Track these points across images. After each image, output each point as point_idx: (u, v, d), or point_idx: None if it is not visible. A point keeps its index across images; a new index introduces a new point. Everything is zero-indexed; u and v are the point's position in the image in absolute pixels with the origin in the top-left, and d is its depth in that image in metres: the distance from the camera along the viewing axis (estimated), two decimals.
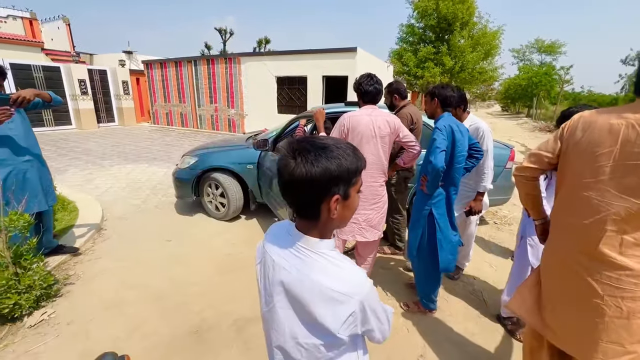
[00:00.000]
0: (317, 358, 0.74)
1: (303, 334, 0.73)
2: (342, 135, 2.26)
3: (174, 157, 7.34)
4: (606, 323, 1.10)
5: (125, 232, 3.50)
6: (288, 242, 0.76)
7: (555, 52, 32.28)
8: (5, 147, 2.37)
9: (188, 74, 11.35)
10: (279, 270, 0.74)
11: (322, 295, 0.67)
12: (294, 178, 0.66)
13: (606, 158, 1.02)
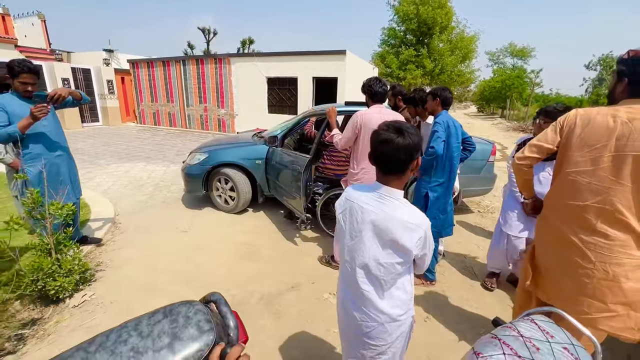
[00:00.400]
0: (391, 273, 1.08)
1: (383, 256, 1.09)
2: (356, 131, 2.58)
3: (169, 156, 7.43)
4: (594, 284, 1.43)
5: (140, 225, 3.67)
6: (372, 194, 1.12)
7: (526, 56, 34.15)
8: (40, 143, 2.54)
9: (177, 73, 11.35)
10: (368, 212, 1.08)
11: (402, 226, 1.04)
12: (398, 147, 1.03)
13: (604, 150, 1.33)
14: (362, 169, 2.64)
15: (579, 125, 1.46)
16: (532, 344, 1.03)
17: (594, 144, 1.39)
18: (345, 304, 1.27)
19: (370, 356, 1.25)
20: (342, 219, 1.21)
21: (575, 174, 1.46)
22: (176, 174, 5.91)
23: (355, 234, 1.15)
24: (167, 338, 0.97)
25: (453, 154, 2.47)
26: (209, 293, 1.18)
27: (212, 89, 10.99)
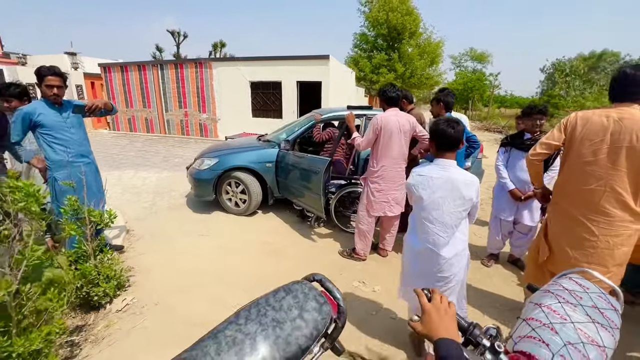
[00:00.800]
0: (458, 219, 1.60)
1: (454, 207, 1.65)
2: (376, 132, 2.83)
3: (156, 162, 7.27)
4: (598, 253, 1.81)
5: (154, 231, 3.67)
6: (435, 166, 1.69)
7: (485, 60, 36.57)
8: (70, 150, 2.54)
9: (154, 78, 11.02)
10: (437, 179, 1.59)
11: (464, 183, 1.62)
12: (456, 134, 1.62)
13: (602, 144, 1.70)
14: (382, 167, 2.90)
15: (579, 124, 1.82)
16: (575, 294, 1.32)
17: (593, 138, 1.76)
18: (422, 251, 1.76)
19: (439, 286, 1.75)
20: (415, 189, 1.71)
21: (581, 164, 1.82)
22: (171, 180, 5.85)
23: (431, 197, 1.66)
24: (296, 310, 1.16)
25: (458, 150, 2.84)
26: (310, 274, 1.37)
27: (192, 94, 10.81)
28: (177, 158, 7.87)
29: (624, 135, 1.65)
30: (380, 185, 2.93)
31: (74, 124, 2.59)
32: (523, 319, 1.26)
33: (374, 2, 19.96)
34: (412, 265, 1.85)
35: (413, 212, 1.85)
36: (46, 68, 2.37)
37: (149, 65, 11.05)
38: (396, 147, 2.87)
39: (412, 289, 1.75)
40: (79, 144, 2.63)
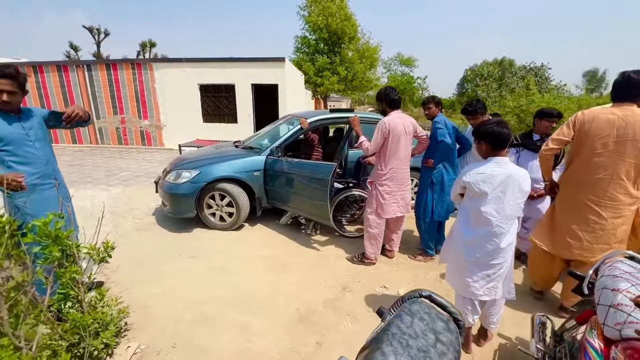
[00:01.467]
0: (518, 210, 1.77)
1: (514, 199, 1.78)
2: (384, 135, 2.83)
3: (99, 178, 6.28)
4: (605, 234, 2.09)
5: (129, 258, 3.14)
6: (491, 164, 1.80)
7: (412, 64, 39.91)
8: (30, 169, 2.01)
9: (79, 80, 9.52)
10: (497, 176, 1.76)
11: (521, 177, 1.76)
12: (508, 134, 1.76)
13: (609, 137, 1.95)
14: (390, 169, 2.92)
15: (587, 121, 2.07)
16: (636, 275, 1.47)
17: (600, 133, 2.00)
18: (476, 241, 1.87)
19: (493, 272, 1.86)
20: (477, 186, 1.80)
21: (590, 156, 2.07)
22: (126, 197, 5.10)
23: (494, 192, 1.77)
24: (431, 334, 1.07)
25: (451, 147, 3.02)
26: (414, 290, 1.28)
27: (130, 98, 9.62)
28: (124, 171, 6.91)
29: (628, 130, 1.92)
30: (390, 187, 2.94)
31: (39, 136, 2.07)
32: (609, 306, 1.35)
33: (313, 7, 20.24)
34: (466, 254, 1.94)
35: (465, 206, 1.93)
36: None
37: (72, 66, 9.53)
38: (403, 149, 2.91)
39: (459, 275, 1.98)
40: (45, 162, 2.10)
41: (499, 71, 21.63)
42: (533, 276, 2.63)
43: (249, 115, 9.48)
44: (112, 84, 9.52)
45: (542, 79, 19.19)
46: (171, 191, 3.64)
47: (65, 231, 1.35)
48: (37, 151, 2.04)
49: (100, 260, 1.91)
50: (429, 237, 3.20)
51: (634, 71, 1.93)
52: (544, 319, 1.87)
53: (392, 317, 1.13)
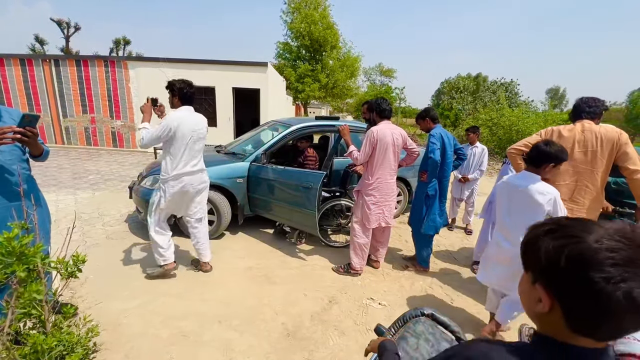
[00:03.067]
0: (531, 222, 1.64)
1: (530, 213, 1.88)
2: (373, 144, 2.82)
3: (64, 181, 5.85)
4: None
5: (99, 270, 2.90)
6: (523, 180, 1.94)
7: (391, 75, 41.04)
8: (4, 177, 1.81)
9: (45, 76, 8.90)
10: (516, 189, 1.86)
11: (539, 192, 1.87)
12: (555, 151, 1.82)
13: (572, 149, 2.16)
14: (377, 179, 2.90)
15: (554, 136, 2.29)
16: None
17: (566, 145, 2.15)
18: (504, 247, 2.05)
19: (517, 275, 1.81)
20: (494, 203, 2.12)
21: None
22: (95, 202, 4.78)
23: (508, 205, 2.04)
24: None
25: (447, 160, 3.01)
26: (416, 308, 1.24)
27: (102, 97, 9.12)
28: (92, 174, 6.49)
29: (586, 142, 2.18)
30: (376, 198, 2.93)
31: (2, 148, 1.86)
32: None
33: (296, 14, 20.33)
34: (496, 256, 2.13)
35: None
36: None
37: (37, 60, 8.91)
38: (390, 160, 2.91)
39: (492, 273, 2.14)
40: (8, 167, 1.89)
41: (474, 85, 22.66)
42: None
43: (229, 118, 9.27)
44: (82, 81, 8.99)
45: (512, 94, 20.30)
46: (148, 197, 3.41)
47: (32, 247, 1.19)
48: (2, 154, 1.83)
49: (69, 276, 1.74)
50: (424, 249, 3.16)
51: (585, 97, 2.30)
52: (530, 331, 1.89)
53: (398, 339, 1.07)
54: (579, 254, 0.47)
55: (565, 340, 0.51)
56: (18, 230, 1.08)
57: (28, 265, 1.08)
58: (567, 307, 0.49)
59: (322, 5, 20.07)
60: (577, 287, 0.47)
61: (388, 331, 1.18)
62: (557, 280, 0.50)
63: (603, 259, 0.45)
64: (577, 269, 0.47)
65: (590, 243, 0.46)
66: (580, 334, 0.49)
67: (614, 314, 0.45)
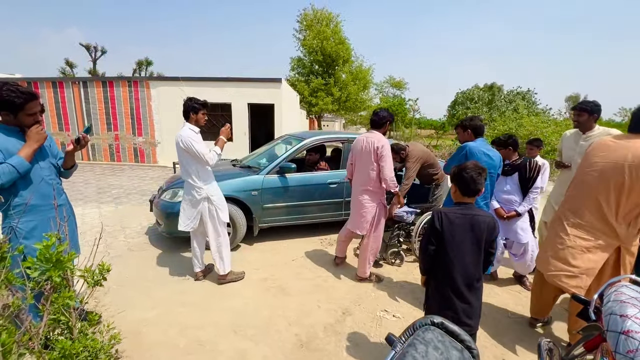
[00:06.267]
0: None
1: None
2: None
3: (90, 195, 6.15)
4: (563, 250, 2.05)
5: (121, 280, 3.03)
6: None
7: (402, 87, 41.08)
8: (36, 190, 1.94)
9: (74, 97, 9.50)
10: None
11: None
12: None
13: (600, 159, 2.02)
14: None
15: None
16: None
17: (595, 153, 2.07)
18: None
19: None
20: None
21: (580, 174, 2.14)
22: (118, 215, 4.99)
23: None
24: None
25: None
26: (426, 317, 1.25)
27: (125, 115, 9.61)
28: (115, 189, 6.79)
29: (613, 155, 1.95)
30: None
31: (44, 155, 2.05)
32: (620, 333, 1.34)
33: (308, 32, 20.91)
34: None
35: None
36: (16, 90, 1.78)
37: (67, 82, 9.53)
38: (361, 168, 2.99)
39: None
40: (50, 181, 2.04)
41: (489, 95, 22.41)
42: (531, 299, 2.58)
43: (244, 133, 9.53)
44: (107, 100, 9.52)
45: (529, 103, 19.93)
46: (167, 210, 3.56)
47: (66, 255, 1.30)
48: (42, 171, 1.98)
49: (95, 284, 1.84)
50: None
51: None
52: (550, 345, 1.83)
53: (406, 347, 1.09)
54: (462, 169, 1.69)
55: (460, 200, 1.73)
56: (55, 239, 1.18)
57: (62, 271, 1.17)
58: (459, 185, 1.72)
59: (333, 22, 20.56)
60: (459, 177, 1.70)
61: (398, 340, 1.20)
62: (455, 178, 1.73)
63: (466, 168, 1.67)
64: (461, 172, 1.69)
65: (467, 167, 1.68)
66: (465, 195, 1.71)
67: (468, 184, 1.66)
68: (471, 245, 1.66)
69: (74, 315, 1.82)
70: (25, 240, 1.84)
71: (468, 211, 1.67)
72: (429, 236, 1.73)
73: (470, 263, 1.67)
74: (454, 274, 1.67)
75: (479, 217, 1.66)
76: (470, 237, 1.65)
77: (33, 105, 1.82)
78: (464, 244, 1.66)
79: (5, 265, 1.36)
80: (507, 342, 2.34)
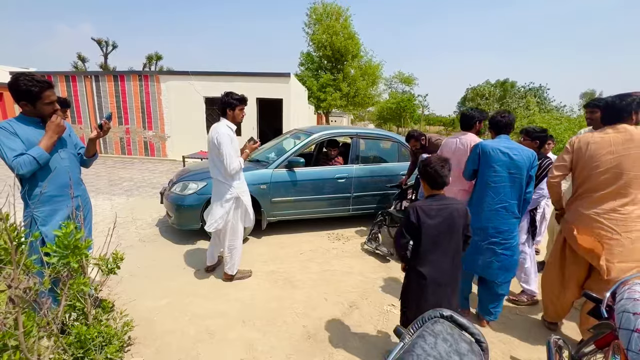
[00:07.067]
0: None
1: None
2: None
3: (102, 187, 6.27)
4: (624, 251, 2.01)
5: (134, 270, 3.09)
6: None
7: (411, 83, 40.53)
8: (56, 180, 1.97)
9: (86, 90, 9.65)
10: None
11: None
12: None
13: (609, 154, 2.01)
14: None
15: (582, 145, 2.14)
16: None
17: (600, 152, 2.05)
18: None
19: None
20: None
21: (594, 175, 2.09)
22: (129, 207, 5.08)
23: None
24: (455, 356, 1.05)
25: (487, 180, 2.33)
26: (434, 310, 1.25)
27: (136, 109, 9.73)
28: (126, 181, 6.91)
29: (625, 146, 1.97)
30: None
31: (66, 144, 2.13)
32: (633, 330, 1.32)
33: (318, 26, 20.77)
34: None
35: None
36: (32, 79, 1.83)
37: (79, 76, 9.68)
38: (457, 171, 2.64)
39: None
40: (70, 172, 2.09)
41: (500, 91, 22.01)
42: (546, 304, 2.53)
43: (253, 128, 9.56)
44: (118, 95, 9.65)
45: (542, 99, 19.52)
46: (177, 202, 3.62)
47: (83, 242, 1.33)
48: (62, 161, 2.02)
49: (109, 272, 1.89)
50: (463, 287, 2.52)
51: (617, 96, 2.05)
52: (560, 343, 1.82)
53: (415, 338, 1.10)
54: (425, 164, 1.77)
55: (431, 193, 1.80)
56: (73, 226, 1.22)
57: (80, 257, 1.20)
58: (426, 181, 1.80)
59: (343, 16, 20.37)
60: (424, 173, 1.78)
61: (407, 332, 1.21)
62: (421, 174, 1.82)
63: (429, 163, 1.75)
64: (425, 168, 1.78)
65: (430, 162, 1.76)
66: (433, 188, 1.79)
67: (434, 178, 1.74)
68: (450, 234, 1.73)
69: (89, 302, 1.88)
70: (43, 227, 1.89)
71: (441, 202, 1.74)
72: (402, 230, 1.78)
73: (450, 250, 1.75)
74: (434, 264, 1.73)
75: (452, 205, 1.74)
76: (448, 225, 1.71)
77: (50, 93, 1.86)
78: (443, 234, 1.72)
79: (22, 250, 1.40)
80: (514, 339, 2.33)
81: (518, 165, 2.23)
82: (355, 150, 4.20)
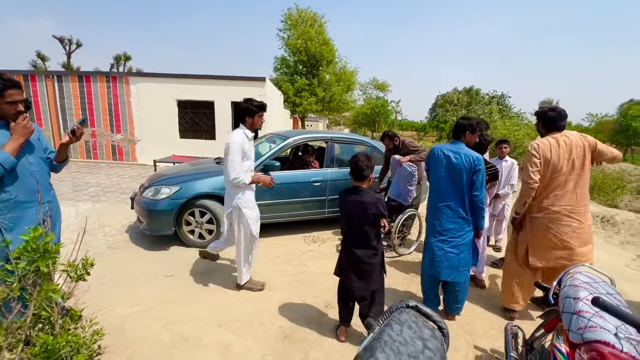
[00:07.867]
0: None
1: None
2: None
3: (66, 193, 5.94)
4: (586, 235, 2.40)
5: (102, 277, 2.98)
6: None
7: (385, 89, 41.69)
8: (23, 186, 1.89)
9: (47, 91, 9.10)
10: None
11: None
12: None
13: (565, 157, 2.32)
14: None
15: (545, 149, 2.37)
16: (592, 285, 1.63)
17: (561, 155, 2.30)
18: None
19: None
20: None
21: (558, 175, 2.35)
22: (96, 213, 4.87)
23: None
24: (419, 341, 1.15)
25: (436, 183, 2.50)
26: (401, 301, 1.36)
27: (103, 111, 9.31)
28: (92, 187, 6.59)
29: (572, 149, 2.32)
30: None
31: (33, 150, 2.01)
32: (572, 313, 1.49)
33: (293, 31, 20.91)
34: None
35: None
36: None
37: (40, 76, 9.13)
38: None
39: None
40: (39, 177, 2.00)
41: (467, 98, 23.22)
42: (505, 289, 2.73)
43: (227, 131, 9.44)
44: (84, 96, 9.20)
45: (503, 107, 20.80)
46: (149, 207, 3.53)
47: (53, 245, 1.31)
48: (31, 166, 1.94)
49: (78, 279, 1.84)
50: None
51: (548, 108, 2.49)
52: (515, 330, 1.99)
53: (383, 326, 1.19)
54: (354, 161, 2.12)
55: (355, 184, 2.13)
56: (41, 230, 1.20)
57: (50, 261, 1.18)
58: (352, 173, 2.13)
59: (317, 22, 20.66)
60: (352, 166, 2.11)
61: (376, 323, 1.30)
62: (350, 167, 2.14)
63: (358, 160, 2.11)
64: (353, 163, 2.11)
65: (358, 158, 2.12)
66: (358, 181, 2.11)
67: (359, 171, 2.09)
68: (362, 219, 2.08)
69: (55, 311, 1.82)
70: (9, 233, 1.81)
71: (358, 194, 2.11)
72: None
73: (362, 234, 2.11)
74: (350, 243, 2.17)
75: (365, 197, 2.08)
76: (360, 213, 2.07)
77: (13, 92, 1.77)
78: (355, 220, 2.11)
79: None
80: (478, 330, 2.50)
81: (457, 168, 2.34)
82: (330, 154, 4.30)
